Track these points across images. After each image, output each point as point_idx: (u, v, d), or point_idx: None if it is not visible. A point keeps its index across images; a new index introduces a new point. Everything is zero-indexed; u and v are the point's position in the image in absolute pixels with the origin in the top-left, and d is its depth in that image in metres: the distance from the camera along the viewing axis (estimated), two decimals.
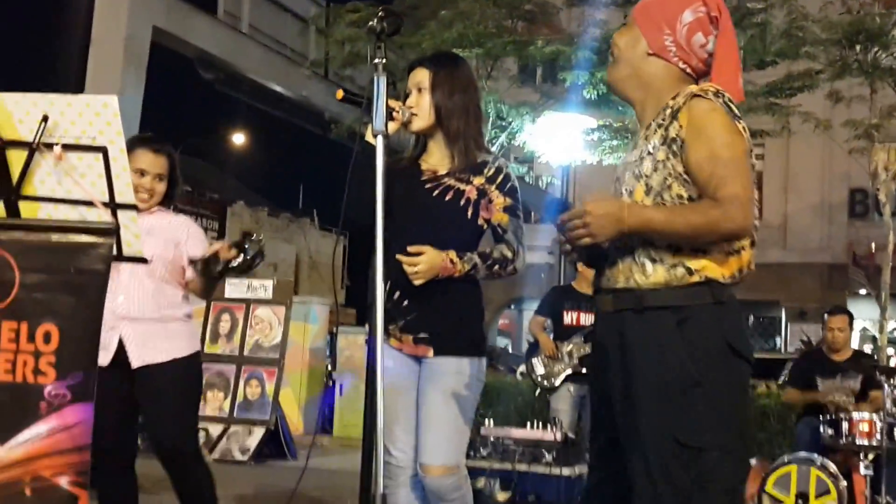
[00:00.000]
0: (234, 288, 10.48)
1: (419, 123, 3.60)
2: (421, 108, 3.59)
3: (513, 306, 28.03)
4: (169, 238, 3.98)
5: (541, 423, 6.38)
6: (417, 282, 3.42)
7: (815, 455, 6.23)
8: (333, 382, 12.57)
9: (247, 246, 3.76)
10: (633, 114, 10.77)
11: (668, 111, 2.75)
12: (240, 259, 3.76)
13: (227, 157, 29.52)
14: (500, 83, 13.22)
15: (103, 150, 2.83)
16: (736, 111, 2.71)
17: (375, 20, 2.95)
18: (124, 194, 2.88)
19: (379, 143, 2.96)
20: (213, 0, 15.50)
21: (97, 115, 2.83)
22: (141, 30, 13.26)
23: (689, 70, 2.84)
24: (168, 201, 4.09)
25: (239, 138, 30.54)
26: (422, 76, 3.63)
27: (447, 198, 3.59)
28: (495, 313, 26.35)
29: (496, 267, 3.56)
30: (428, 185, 3.61)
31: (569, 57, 12.00)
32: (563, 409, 6.82)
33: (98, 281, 2.84)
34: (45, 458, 2.73)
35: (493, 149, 13.15)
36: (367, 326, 3.11)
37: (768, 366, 12.42)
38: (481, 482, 5.85)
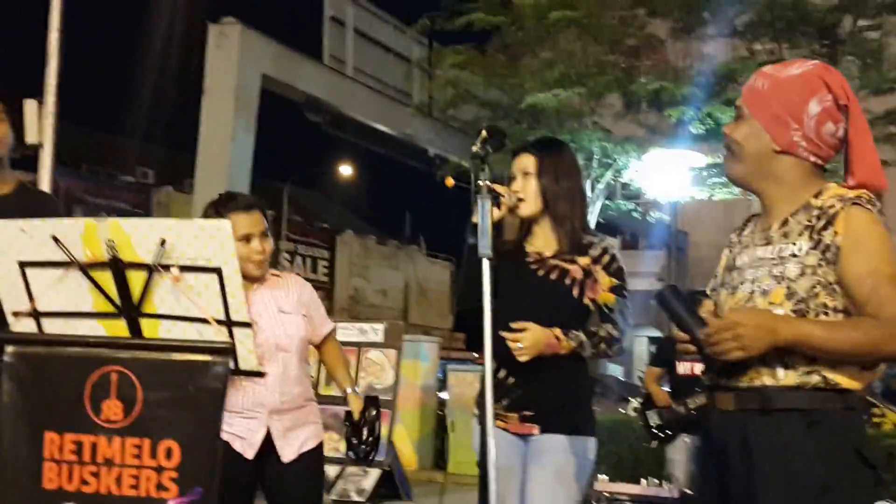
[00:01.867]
0: (345, 332, 10.58)
1: (527, 209, 3.64)
2: (528, 193, 3.64)
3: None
4: (299, 311, 3.89)
5: (657, 479, 6.31)
6: (523, 358, 3.43)
7: None
8: (443, 418, 12.61)
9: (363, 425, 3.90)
10: None
11: (818, 213, 2.61)
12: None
13: (335, 189, 29.94)
14: (605, 120, 13.13)
15: (218, 271, 2.92)
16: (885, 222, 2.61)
17: (479, 143, 2.97)
18: (239, 312, 2.97)
19: (485, 266, 2.98)
20: (318, 45, 15.77)
21: (212, 237, 2.91)
22: (251, 79, 13.58)
23: (819, 162, 2.72)
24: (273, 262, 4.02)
25: (347, 170, 30.97)
26: (528, 161, 3.67)
27: (552, 277, 3.62)
28: None
29: (602, 345, 3.57)
30: (533, 266, 3.65)
31: (673, 93, 11.85)
32: (679, 460, 6.75)
33: (216, 398, 2.91)
34: None
35: (600, 187, 13.06)
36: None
37: None
38: None
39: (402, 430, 11.83)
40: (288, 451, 3.81)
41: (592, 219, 10.80)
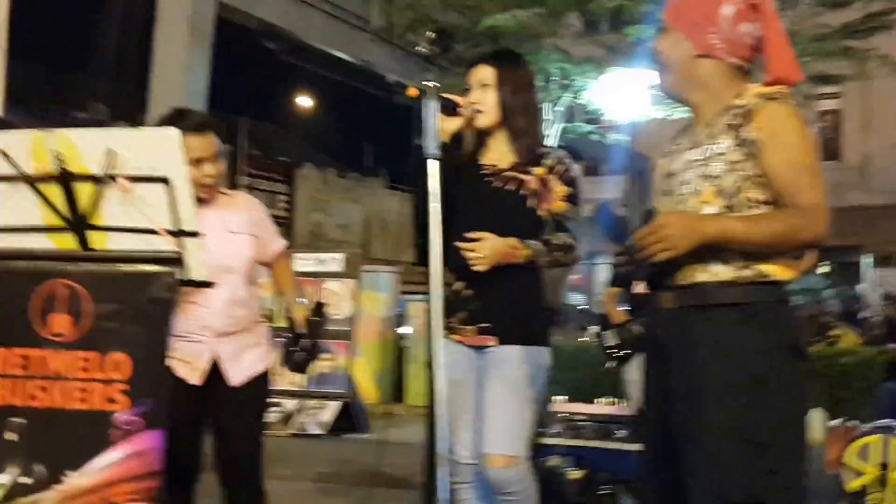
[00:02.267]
0: (304, 262, 10.47)
1: (485, 120, 3.62)
2: (486, 104, 3.61)
3: (584, 261, 27.86)
4: (248, 231, 3.77)
5: (613, 398, 6.35)
6: (480, 268, 3.42)
7: None
8: (402, 350, 12.65)
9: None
10: None
11: (739, 111, 2.72)
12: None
13: (294, 121, 29.67)
14: (563, 41, 12.99)
15: (166, 180, 2.88)
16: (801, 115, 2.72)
17: (424, 44, 2.93)
18: (188, 222, 2.93)
19: (433, 168, 2.95)
20: None
21: (160, 146, 2.87)
22: (206, 5, 13.34)
23: (739, 62, 2.81)
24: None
25: (305, 102, 30.65)
26: (486, 73, 3.64)
27: (509, 188, 3.61)
28: (566, 270, 26.15)
29: (558, 253, 3.57)
30: (489, 178, 3.63)
31: (632, 11, 11.75)
32: (635, 380, 6.80)
33: (166, 309, 2.90)
34: (118, 484, 2.80)
35: (559, 109, 12.95)
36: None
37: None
38: (553, 460, 5.84)
39: (361, 362, 11.80)
40: (235, 374, 3.68)
41: (552, 142, 10.73)
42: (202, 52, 13.14)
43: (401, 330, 12.92)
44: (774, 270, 2.68)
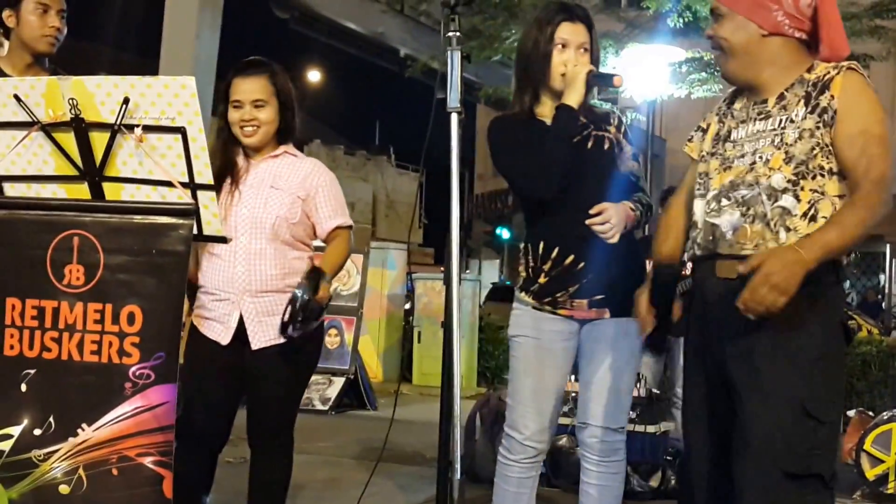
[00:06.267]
0: None
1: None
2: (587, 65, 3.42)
3: None
4: (294, 192, 3.58)
5: None
6: (615, 239, 3.28)
7: None
8: (412, 329, 12.59)
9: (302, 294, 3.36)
10: None
11: (814, 82, 2.72)
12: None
13: (303, 95, 29.68)
14: None
15: (182, 131, 2.84)
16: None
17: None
18: (203, 175, 2.89)
19: (454, 122, 2.89)
20: None
21: (176, 96, 2.82)
22: None
23: (804, 37, 2.79)
24: (288, 135, 3.67)
25: (315, 76, 30.55)
26: (584, 35, 3.46)
27: (605, 147, 3.49)
28: None
29: (648, 214, 3.49)
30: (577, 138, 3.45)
31: None
32: (646, 361, 6.75)
33: (179, 262, 2.85)
34: (130, 438, 2.77)
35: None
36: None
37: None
38: (563, 440, 5.81)
39: (367, 340, 11.75)
40: (258, 338, 3.52)
41: None
42: (212, 17, 12.99)
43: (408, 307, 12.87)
44: None
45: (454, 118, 2.90)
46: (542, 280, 3.45)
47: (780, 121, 2.74)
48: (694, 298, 2.92)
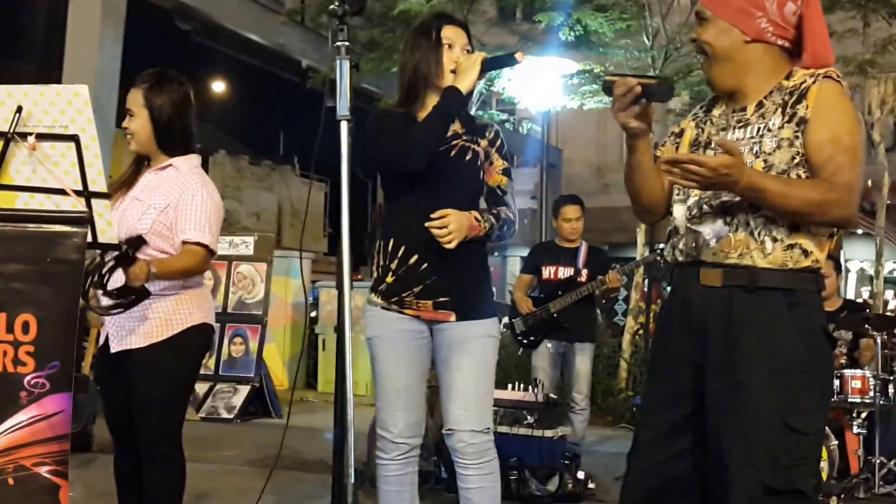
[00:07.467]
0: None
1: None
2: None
3: (496, 253, 28.05)
4: (152, 204, 3.55)
5: (522, 384, 6.40)
6: (452, 245, 3.36)
7: None
8: (316, 337, 12.58)
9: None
10: (613, 54, 10.27)
11: (791, 90, 2.74)
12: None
13: (207, 106, 29.27)
14: (476, 27, 12.98)
15: (75, 139, 2.84)
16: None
17: (337, 3, 2.88)
18: (97, 182, 2.89)
19: (343, 129, 2.91)
20: None
21: (69, 103, 2.83)
22: None
23: (787, 45, 2.80)
24: (173, 147, 3.63)
25: (219, 87, 30.25)
26: (465, 38, 3.56)
27: (467, 158, 3.55)
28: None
29: (504, 228, 3.56)
30: (443, 147, 3.52)
31: None
32: (543, 367, 6.86)
33: (73, 270, 2.85)
34: (25, 447, 2.76)
35: (472, 98, 12.95)
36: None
37: None
38: None
39: (273, 348, 11.76)
40: (113, 342, 3.57)
41: None
42: (114, 30, 12.84)
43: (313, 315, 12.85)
44: (813, 248, 2.70)
45: (344, 126, 2.92)
46: (389, 279, 3.52)
47: (758, 129, 2.75)
48: (674, 303, 2.92)
